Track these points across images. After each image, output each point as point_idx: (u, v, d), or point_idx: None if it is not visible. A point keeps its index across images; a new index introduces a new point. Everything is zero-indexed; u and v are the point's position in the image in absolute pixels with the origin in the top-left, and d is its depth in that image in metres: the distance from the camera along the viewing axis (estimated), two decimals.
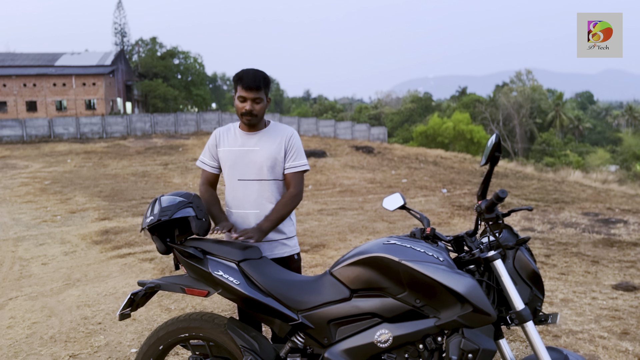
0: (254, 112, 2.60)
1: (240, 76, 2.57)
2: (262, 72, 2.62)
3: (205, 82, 61.74)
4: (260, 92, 2.59)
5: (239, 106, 2.62)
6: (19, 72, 45.01)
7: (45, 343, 4.00)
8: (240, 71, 2.61)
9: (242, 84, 2.56)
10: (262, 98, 2.61)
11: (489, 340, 2.08)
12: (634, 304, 4.71)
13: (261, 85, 2.57)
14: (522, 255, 2.17)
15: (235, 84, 2.61)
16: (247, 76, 2.56)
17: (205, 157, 2.80)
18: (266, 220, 2.58)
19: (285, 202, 2.63)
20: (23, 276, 5.86)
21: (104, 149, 26.88)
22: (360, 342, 2.18)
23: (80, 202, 11.29)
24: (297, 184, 2.69)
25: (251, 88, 2.55)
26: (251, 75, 2.57)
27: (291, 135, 2.71)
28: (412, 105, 64.10)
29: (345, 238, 7.55)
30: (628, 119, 60.77)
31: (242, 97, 2.59)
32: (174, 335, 2.46)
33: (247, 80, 2.55)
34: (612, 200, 12.02)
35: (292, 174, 2.69)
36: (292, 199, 2.65)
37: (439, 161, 23.27)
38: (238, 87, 2.59)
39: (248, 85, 2.55)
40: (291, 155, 2.69)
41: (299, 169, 2.70)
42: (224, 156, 2.72)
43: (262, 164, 2.65)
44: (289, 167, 2.69)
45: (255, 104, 2.59)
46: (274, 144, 2.67)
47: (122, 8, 62.05)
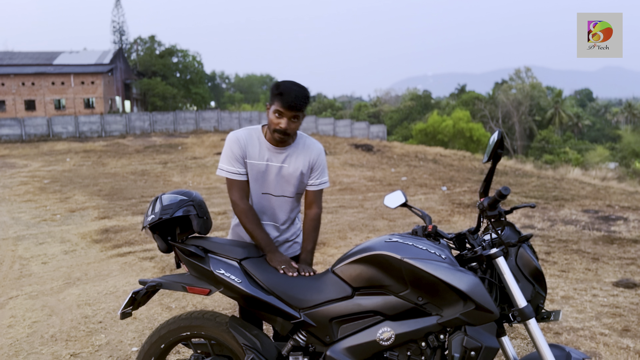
0: (288, 132, 2.43)
1: (281, 92, 2.38)
2: (305, 89, 2.44)
3: (204, 80, 61.69)
4: (301, 112, 2.42)
5: (274, 121, 2.42)
6: (18, 70, 44.96)
7: (46, 342, 4.00)
8: (281, 84, 2.42)
9: (282, 101, 2.37)
10: (300, 116, 2.44)
11: (491, 337, 2.08)
12: (634, 300, 4.71)
13: (303, 106, 2.41)
14: (524, 253, 2.17)
15: (274, 96, 2.41)
16: (289, 94, 2.37)
17: (231, 166, 2.53)
18: (307, 253, 2.62)
19: (315, 227, 2.65)
20: (23, 275, 5.86)
21: (103, 147, 26.86)
22: (362, 340, 2.17)
23: (79, 201, 11.28)
24: (320, 201, 2.69)
25: (292, 107, 2.38)
26: (294, 94, 2.37)
27: (319, 153, 2.63)
28: (411, 103, 64.08)
29: (346, 236, 7.55)
30: (627, 116, 60.79)
31: (279, 112, 2.40)
32: (175, 333, 2.45)
33: (289, 99, 2.36)
34: (611, 198, 12.03)
35: (316, 191, 2.66)
36: (319, 222, 2.67)
37: (439, 159, 23.27)
38: (276, 101, 2.39)
39: (289, 104, 2.36)
40: (317, 174, 2.63)
41: (322, 186, 2.67)
42: (249, 168, 2.56)
43: (290, 182, 2.59)
44: (312, 184, 2.64)
45: (292, 123, 2.43)
46: (302, 161, 2.58)
47: (120, 6, 61.95)
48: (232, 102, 76.76)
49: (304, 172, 2.60)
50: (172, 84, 54.67)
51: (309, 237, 2.63)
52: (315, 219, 2.65)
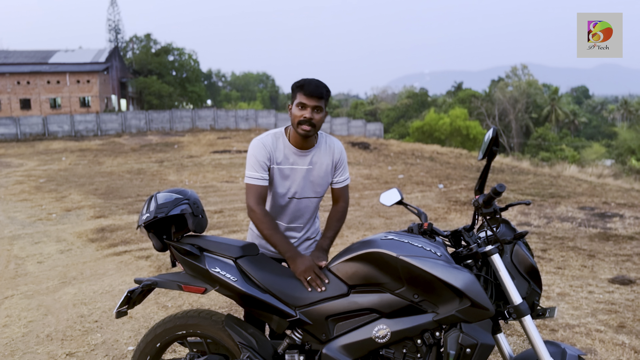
0: (313, 121, 2.45)
1: (301, 84, 2.45)
2: (324, 83, 2.50)
3: (200, 78, 61.56)
4: (321, 101, 2.45)
5: (297, 114, 2.45)
6: (13, 69, 44.76)
7: (42, 341, 3.99)
8: (300, 79, 2.49)
9: (303, 91, 2.43)
10: (323, 108, 2.47)
11: (487, 334, 2.08)
12: (630, 297, 4.73)
13: (324, 94, 2.45)
14: (519, 250, 2.17)
15: (295, 91, 2.48)
16: (310, 84, 2.44)
17: (256, 172, 2.51)
18: (325, 239, 2.63)
19: (340, 218, 2.70)
20: (19, 275, 5.84)
21: (99, 146, 26.78)
22: (358, 338, 2.17)
23: (75, 200, 11.25)
24: (346, 197, 2.74)
25: (313, 95, 2.42)
26: (314, 83, 2.45)
27: (341, 151, 2.68)
28: (408, 101, 64.11)
29: (342, 234, 7.55)
30: (623, 113, 60.98)
31: (301, 104, 2.44)
32: (171, 332, 2.45)
33: (310, 88, 2.42)
34: (607, 195, 12.06)
35: (341, 188, 2.72)
36: (344, 214, 2.72)
37: (435, 157, 23.29)
38: (298, 95, 2.45)
39: (310, 92, 2.41)
40: (340, 171, 2.69)
41: (346, 182, 2.73)
42: (277, 173, 2.57)
43: (317, 183, 2.63)
44: (337, 182, 2.70)
45: (316, 113, 2.45)
46: (327, 162, 2.63)
47: (116, 5, 61.77)
48: (228, 100, 76.65)
49: (329, 172, 2.65)
50: (168, 83, 54.54)
51: (331, 226, 2.68)
52: (341, 211, 2.72)
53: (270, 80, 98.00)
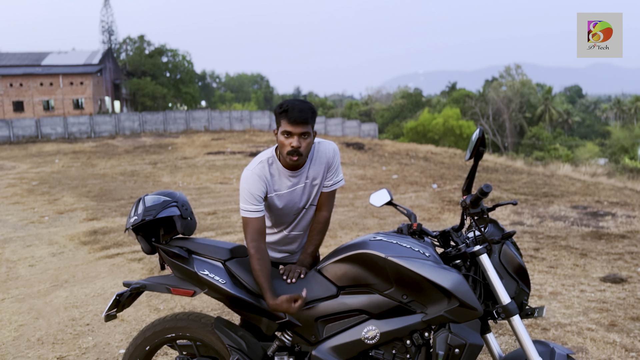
0: (300, 150, 2.33)
1: (285, 109, 2.32)
2: (309, 103, 2.39)
3: (194, 79, 61.40)
4: (308, 126, 2.33)
5: (284, 143, 2.34)
6: (5, 72, 44.52)
7: (33, 345, 3.96)
8: (283, 103, 2.36)
9: (287, 118, 2.30)
10: (310, 133, 2.35)
11: (475, 334, 2.08)
12: (621, 295, 4.75)
13: (309, 119, 2.32)
14: (508, 250, 2.17)
15: (279, 117, 2.35)
16: (293, 109, 2.30)
17: (250, 205, 2.40)
18: (305, 255, 2.52)
19: (321, 230, 2.56)
20: (10, 278, 5.80)
21: (92, 148, 26.67)
22: (347, 339, 2.18)
23: (68, 203, 11.19)
24: (331, 205, 2.60)
25: (298, 122, 2.29)
26: (297, 108, 2.31)
27: (334, 152, 2.55)
28: (403, 101, 64.21)
29: (336, 235, 7.55)
30: (616, 113, 61.28)
31: (287, 132, 2.32)
32: (160, 335, 2.44)
33: (294, 114, 2.29)
34: (600, 193, 12.12)
35: (328, 193, 2.57)
36: (326, 225, 2.58)
37: (430, 157, 23.34)
38: (282, 122, 2.33)
39: (294, 119, 2.29)
40: (332, 173, 2.56)
41: (335, 186, 2.58)
42: (277, 199, 2.51)
43: (313, 192, 2.57)
44: (326, 185, 2.56)
45: (303, 139, 2.33)
46: (322, 168, 2.53)
47: (109, 6, 61.54)
48: (222, 101, 76.52)
49: (324, 177, 2.56)
50: (162, 84, 54.36)
51: (312, 240, 2.55)
52: (323, 222, 2.57)
53: (264, 81, 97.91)
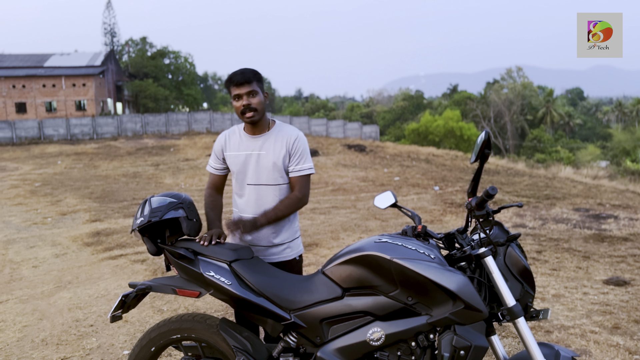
0: (252, 106, 2.54)
1: (230, 77, 2.56)
2: (251, 68, 2.60)
3: (196, 81, 61.49)
4: (253, 85, 2.55)
5: (237, 105, 2.57)
6: (8, 73, 44.61)
7: (37, 346, 3.97)
8: (229, 75, 2.60)
9: (233, 83, 2.54)
10: (257, 91, 2.57)
11: (480, 336, 2.09)
12: (624, 298, 4.75)
13: (252, 78, 2.55)
14: (512, 252, 2.18)
15: (228, 87, 2.59)
16: (236, 74, 2.55)
17: (211, 161, 2.78)
18: (263, 216, 2.55)
19: (288, 204, 2.60)
20: (14, 279, 5.81)
21: (95, 150, 26.71)
22: (352, 341, 2.18)
23: (71, 204, 11.21)
24: (302, 187, 2.63)
25: (242, 83, 2.53)
26: (239, 71, 2.55)
27: (296, 137, 2.63)
28: (404, 103, 64.22)
29: (338, 237, 7.55)
30: (618, 115, 61.24)
31: (236, 96, 2.56)
32: (165, 336, 2.45)
33: (237, 77, 2.53)
34: (602, 196, 12.11)
35: (297, 177, 2.64)
36: (296, 202, 2.61)
37: (431, 159, 23.33)
38: (231, 89, 2.56)
39: (238, 81, 2.53)
40: (296, 159, 2.62)
41: (303, 172, 2.63)
42: (231, 161, 2.69)
43: (270, 168, 2.61)
44: (293, 170, 2.63)
45: (252, 98, 2.55)
46: (280, 147, 2.62)
47: (111, 8, 61.64)
48: (224, 103, 76.58)
49: (283, 158, 2.61)
50: (164, 86, 54.43)
51: (276, 207, 2.58)
52: (292, 197, 2.61)
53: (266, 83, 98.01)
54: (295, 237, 2.76)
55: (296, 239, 2.77)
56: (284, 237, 2.69)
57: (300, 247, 2.81)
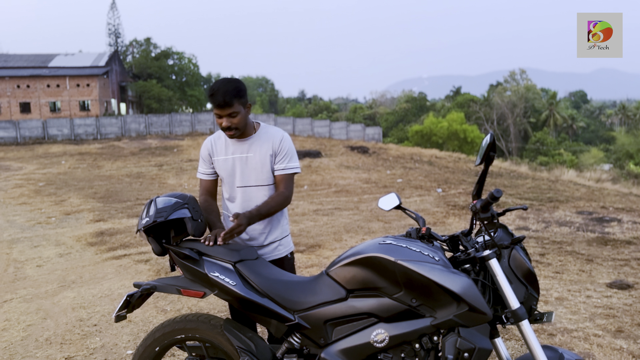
0: (232, 127, 2.55)
1: (210, 94, 2.50)
2: (233, 82, 2.52)
3: (199, 82, 61.58)
4: (233, 107, 2.50)
5: (218, 121, 2.57)
6: (12, 73, 44.77)
7: (41, 345, 3.99)
8: (211, 85, 2.53)
9: (212, 102, 2.50)
10: (238, 111, 2.53)
11: (484, 339, 2.09)
12: (628, 302, 4.74)
13: (232, 100, 2.49)
14: (517, 255, 2.18)
15: (209, 100, 2.54)
16: (217, 94, 2.48)
17: (201, 168, 2.79)
18: (256, 209, 2.57)
19: (278, 200, 2.62)
20: (18, 278, 5.84)
21: (99, 150, 26.78)
22: (356, 342, 2.18)
23: (74, 204, 11.25)
24: (288, 186, 2.67)
25: (222, 106, 2.49)
26: (220, 92, 2.47)
27: (281, 138, 2.68)
28: (407, 105, 64.21)
29: (341, 238, 7.56)
30: (621, 118, 61.08)
31: (217, 114, 2.54)
32: (170, 336, 2.46)
33: (217, 99, 2.48)
34: (605, 199, 12.08)
35: (281, 175, 2.67)
36: (283, 199, 2.64)
37: (434, 161, 23.31)
38: (211, 104, 2.53)
39: (218, 103, 2.49)
40: (281, 158, 2.66)
41: (288, 171, 2.68)
42: (219, 165, 2.71)
43: (258, 169, 2.66)
44: (278, 169, 2.67)
45: (232, 118, 2.53)
46: (265, 148, 2.66)
47: (116, 8, 61.80)
48: None
49: (269, 159, 2.65)
50: (168, 86, 54.54)
51: (266, 202, 2.60)
52: (279, 194, 2.63)
53: (269, 84, 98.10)
54: (285, 235, 2.82)
55: (286, 236, 2.83)
56: (275, 236, 2.75)
57: (290, 245, 2.86)
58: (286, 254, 2.81)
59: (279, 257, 2.77)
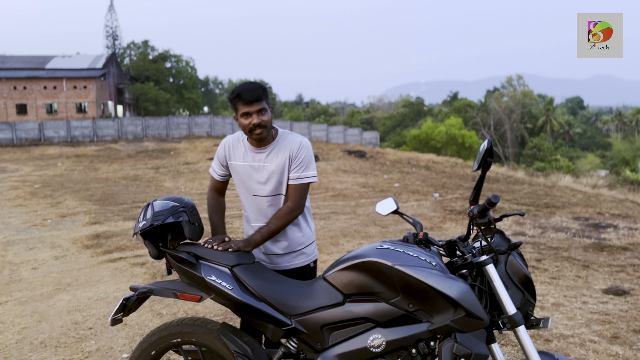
0: (262, 124, 2.46)
1: (237, 93, 2.45)
2: (258, 83, 2.52)
3: (197, 85, 61.65)
4: (262, 103, 2.46)
5: (244, 123, 2.47)
6: (9, 74, 44.70)
7: (36, 348, 3.97)
8: (235, 88, 2.48)
9: (242, 100, 2.44)
10: (266, 108, 2.48)
11: (481, 344, 2.09)
12: (624, 308, 4.75)
13: (261, 95, 2.45)
14: (514, 260, 2.18)
15: (234, 103, 2.48)
16: (245, 91, 2.44)
17: (215, 166, 2.74)
18: (258, 232, 2.54)
19: (279, 217, 2.54)
20: (13, 281, 5.81)
21: (95, 152, 26.73)
22: (353, 347, 2.18)
23: (70, 206, 11.21)
24: (297, 198, 2.55)
25: (252, 101, 2.43)
26: (248, 88, 2.45)
27: (299, 145, 2.56)
28: (404, 110, 64.39)
29: (338, 242, 7.55)
30: (617, 124, 61.37)
31: (245, 113, 2.46)
32: (166, 340, 2.45)
33: (246, 95, 2.43)
34: (602, 205, 12.12)
35: (293, 185, 2.56)
36: (287, 214, 2.54)
37: (431, 165, 23.35)
38: (238, 105, 2.46)
39: (248, 99, 2.43)
40: (296, 166, 2.55)
41: (302, 180, 2.56)
42: (235, 170, 2.66)
43: (275, 179, 2.58)
44: (292, 178, 2.56)
45: (262, 115, 2.46)
46: (283, 156, 2.56)
47: (113, 11, 61.87)
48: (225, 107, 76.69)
49: (285, 168, 2.57)
50: (165, 89, 54.54)
51: (268, 223, 2.55)
52: (284, 210, 2.54)
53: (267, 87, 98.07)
54: (309, 243, 2.73)
55: (310, 244, 2.73)
56: (296, 244, 2.66)
57: (315, 253, 2.77)
58: (308, 263, 2.72)
59: (299, 266, 2.69)
